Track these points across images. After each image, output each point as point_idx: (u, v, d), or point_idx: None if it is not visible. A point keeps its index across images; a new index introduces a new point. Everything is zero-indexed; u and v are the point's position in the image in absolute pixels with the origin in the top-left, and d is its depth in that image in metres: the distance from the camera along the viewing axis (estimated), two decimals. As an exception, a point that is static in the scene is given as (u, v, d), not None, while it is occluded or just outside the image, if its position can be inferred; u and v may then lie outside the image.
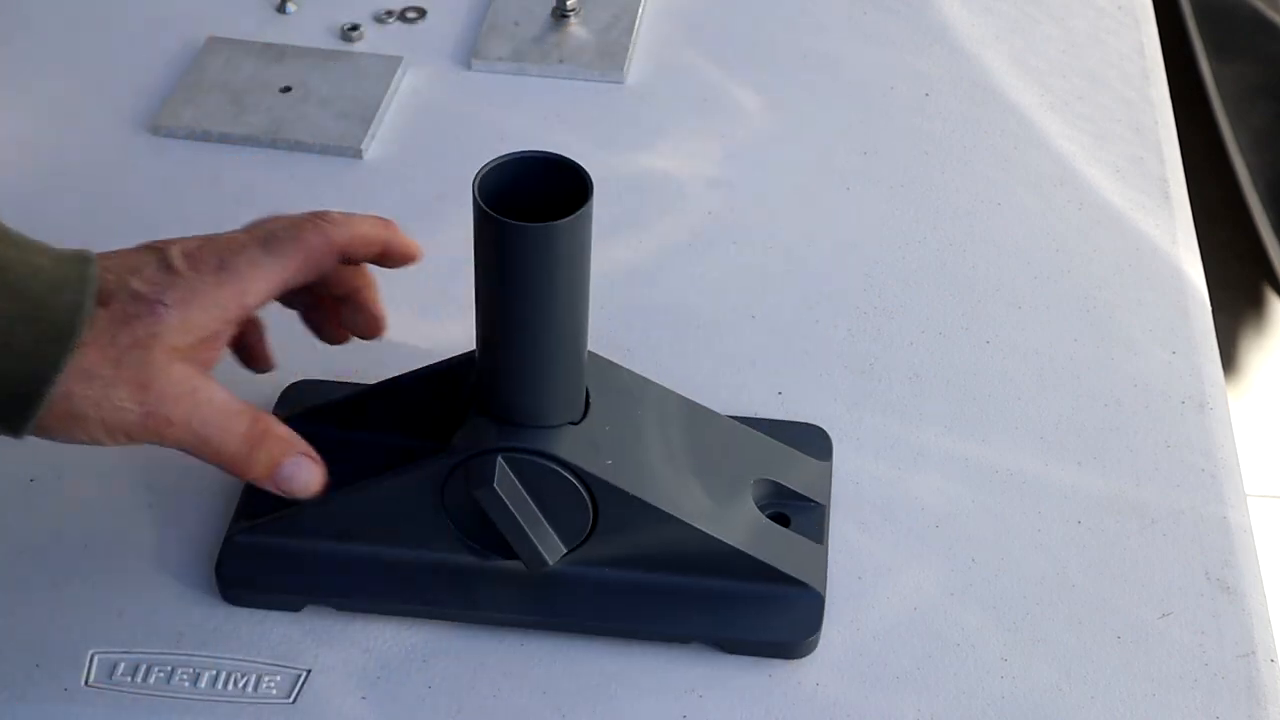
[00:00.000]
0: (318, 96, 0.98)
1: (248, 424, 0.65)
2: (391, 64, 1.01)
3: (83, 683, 0.68)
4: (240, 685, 0.68)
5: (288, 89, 0.99)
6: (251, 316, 0.69)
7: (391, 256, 0.71)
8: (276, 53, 1.01)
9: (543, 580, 0.70)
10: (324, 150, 0.95)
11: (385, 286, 0.86)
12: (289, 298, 0.70)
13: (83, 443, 0.63)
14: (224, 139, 0.96)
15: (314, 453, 0.67)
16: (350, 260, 0.69)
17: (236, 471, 0.65)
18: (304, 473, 0.67)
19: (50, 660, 0.69)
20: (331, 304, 0.73)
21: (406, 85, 1.01)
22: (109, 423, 0.62)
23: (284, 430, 0.67)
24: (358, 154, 0.95)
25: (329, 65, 1.01)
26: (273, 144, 0.95)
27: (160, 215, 0.91)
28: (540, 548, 0.68)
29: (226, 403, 0.64)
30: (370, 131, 0.96)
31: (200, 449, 0.64)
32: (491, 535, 0.69)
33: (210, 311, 0.64)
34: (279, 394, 0.79)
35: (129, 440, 0.63)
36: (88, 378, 0.61)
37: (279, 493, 0.67)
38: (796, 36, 1.06)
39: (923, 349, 0.84)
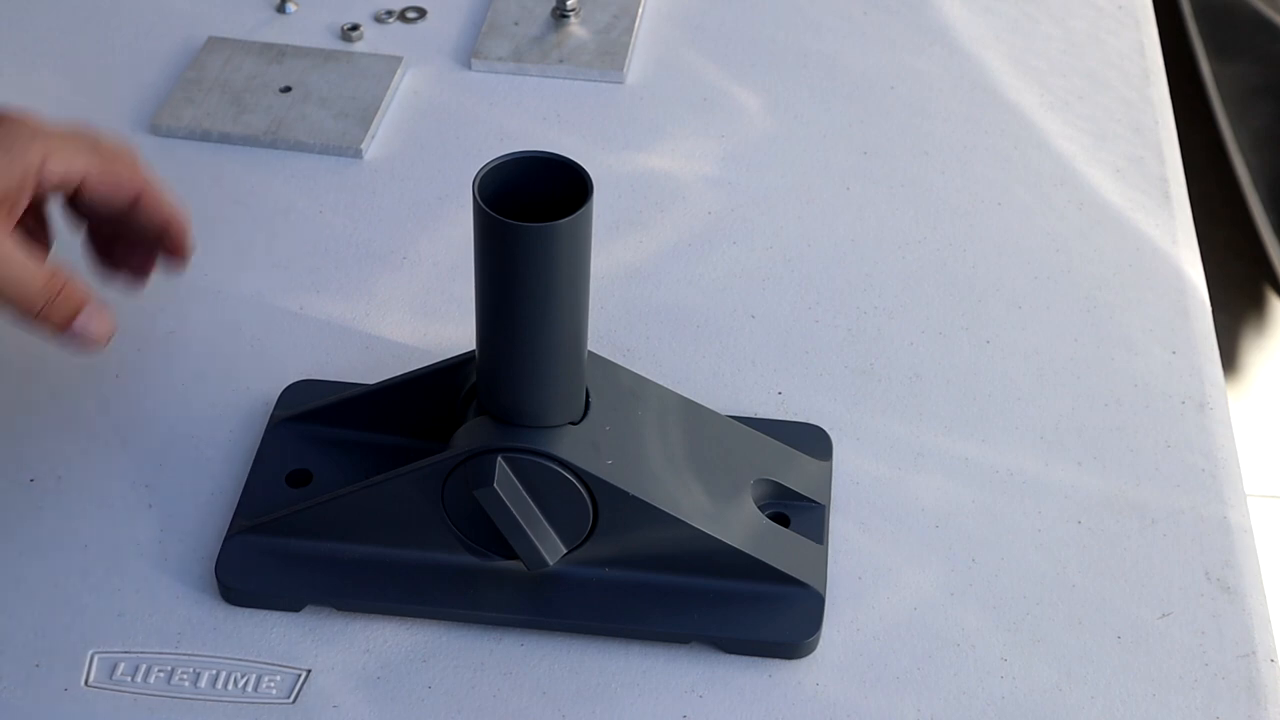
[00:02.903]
0: (318, 96, 0.98)
1: (48, 275, 0.69)
2: (391, 64, 1.01)
3: (83, 683, 0.68)
4: (240, 685, 0.68)
5: (288, 89, 0.99)
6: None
7: (168, 240, 0.76)
8: (276, 53, 1.01)
9: (543, 580, 0.70)
10: (324, 150, 0.95)
11: (386, 287, 0.87)
12: (84, 208, 0.75)
13: None
14: (224, 139, 0.96)
15: (105, 304, 0.71)
16: (134, 210, 0.74)
17: (36, 318, 0.69)
18: (94, 323, 0.71)
19: (50, 660, 0.69)
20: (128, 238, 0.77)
21: (406, 85, 1.01)
22: None
23: (81, 284, 0.70)
24: (358, 154, 0.95)
25: (329, 65, 1.01)
26: (273, 144, 0.95)
27: (160, 215, 0.91)
28: (540, 548, 0.68)
29: (25, 257, 0.68)
30: (370, 131, 0.96)
31: (2, 296, 0.68)
32: (491, 535, 0.68)
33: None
34: (279, 394, 0.79)
35: None
36: None
37: (71, 344, 0.71)
38: (796, 36, 1.06)
39: (923, 349, 0.84)
